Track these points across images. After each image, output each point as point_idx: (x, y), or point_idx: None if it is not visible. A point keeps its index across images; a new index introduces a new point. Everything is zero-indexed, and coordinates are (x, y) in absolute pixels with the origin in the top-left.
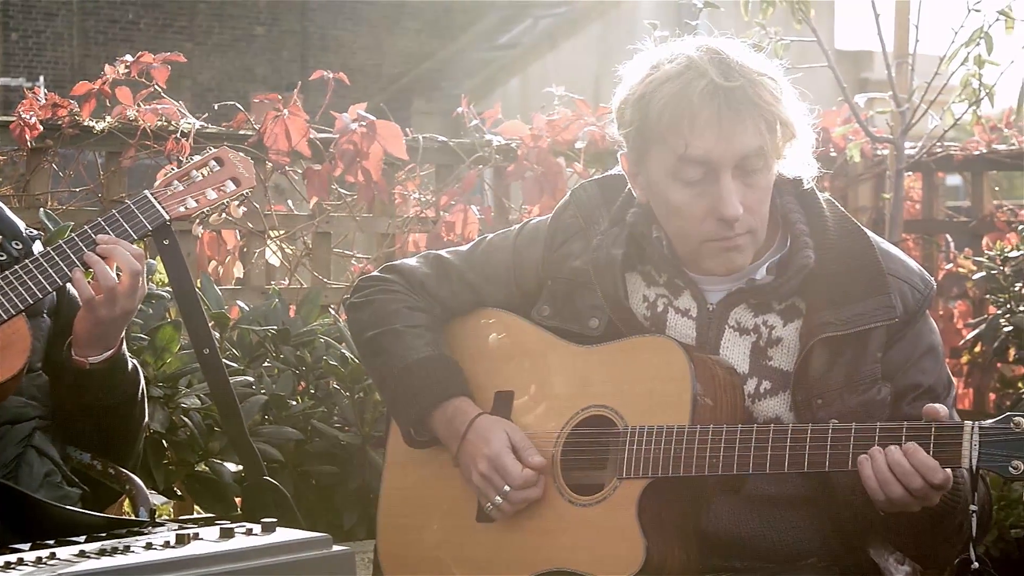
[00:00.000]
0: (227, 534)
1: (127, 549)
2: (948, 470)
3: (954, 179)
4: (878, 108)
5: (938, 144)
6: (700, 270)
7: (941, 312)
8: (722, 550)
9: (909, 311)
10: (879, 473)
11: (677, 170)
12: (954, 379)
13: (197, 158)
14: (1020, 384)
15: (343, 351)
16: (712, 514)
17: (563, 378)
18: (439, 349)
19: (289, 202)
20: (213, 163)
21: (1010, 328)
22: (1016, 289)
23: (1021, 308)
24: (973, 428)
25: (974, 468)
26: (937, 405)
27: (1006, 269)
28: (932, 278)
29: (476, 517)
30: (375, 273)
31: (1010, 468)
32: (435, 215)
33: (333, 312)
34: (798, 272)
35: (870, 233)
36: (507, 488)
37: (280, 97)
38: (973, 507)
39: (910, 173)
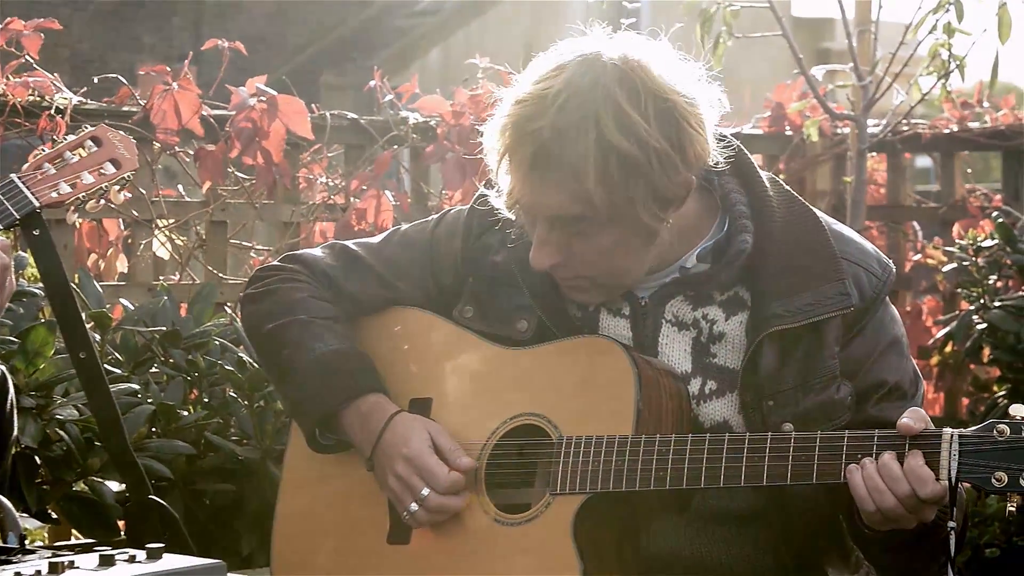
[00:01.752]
0: (107, 562)
1: None
2: (943, 483)
3: (922, 160)
4: (838, 82)
5: (904, 122)
6: None
7: (908, 308)
8: (666, 572)
9: (866, 299)
10: (868, 480)
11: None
12: (923, 383)
13: (72, 137)
14: (995, 387)
15: (241, 355)
16: (655, 533)
17: (489, 384)
18: (351, 343)
19: (180, 187)
20: (90, 143)
21: (984, 325)
22: (990, 282)
23: (996, 303)
24: (953, 437)
25: (954, 480)
26: (911, 421)
27: (979, 260)
28: (891, 262)
29: (387, 538)
30: (275, 262)
31: (993, 480)
32: (344, 202)
33: (229, 311)
34: (734, 259)
35: (820, 213)
36: (426, 492)
37: (169, 69)
38: (952, 523)
39: (873, 154)
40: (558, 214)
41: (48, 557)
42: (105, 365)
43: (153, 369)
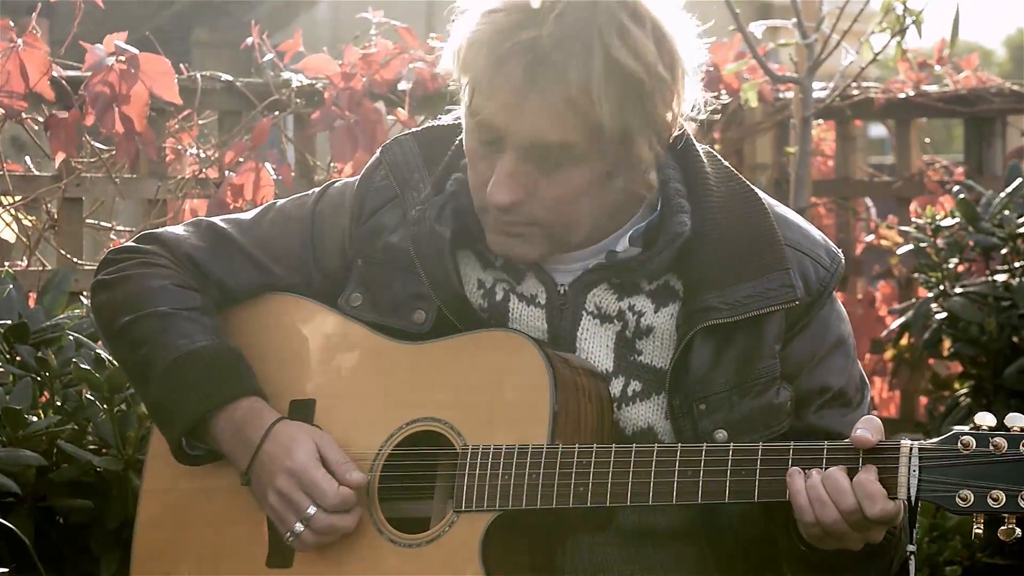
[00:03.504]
0: None
1: None
2: (897, 503)
3: (875, 129)
4: (780, 39)
5: (854, 85)
6: None
7: (860, 296)
8: None
9: (812, 292)
10: (811, 489)
11: (471, 121)
12: (877, 379)
13: None
14: (957, 385)
15: (99, 351)
16: (573, 552)
17: (381, 384)
18: (221, 338)
19: (27, 159)
20: None
21: (943, 315)
22: (951, 266)
23: (957, 290)
24: (912, 451)
25: (913, 499)
26: (867, 433)
27: (938, 241)
28: (840, 252)
29: (266, 561)
30: (130, 243)
31: (957, 499)
32: (218, 176)
33: (85, 301)
34: (670, 243)
35: (762, 195)
36: (312, 510)
37: (14, 24)
38: (911, 547)
39: (820, 121)
40: (541, 140)
41: None
42: None
43: None
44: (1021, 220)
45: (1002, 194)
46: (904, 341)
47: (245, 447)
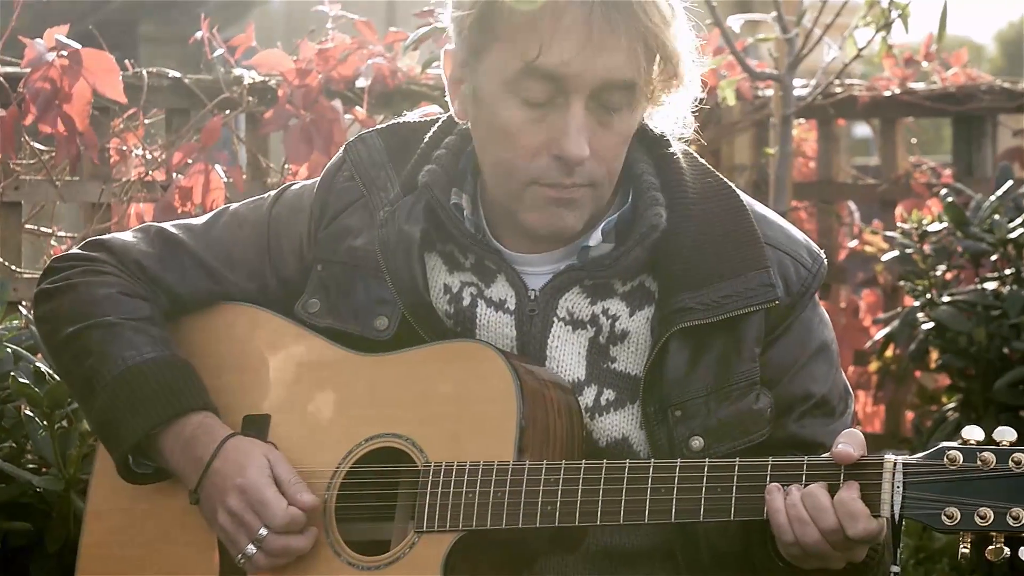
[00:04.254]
0: None
1: None
2: (880, 521)
3: (860, 129)
4: (759, 34)
5: (837, 82)
6: (517, 240)
7: (843, 305)
8: None
9: (793, 293)
10: (791, 508)
11: (518, 82)
12: (861, 393)
13: None
14: (944, 398)
15: (39, 364)
16: (539, 574)
17: (340, 398)
18: (171, 349)
19: None
20: None
21: (931, 325)
22: (938, 273)
23: (944, 298)
24: (896, 466)
25: (896, 517)
26: (850, 448)
27: (925, 247)
28: (823, 253)
29: None
30: (75, 250)
31: (943, 517)
32: (166, 178)
33: (24, 311)
34: (645, 236)
35: (741, 193)
36: (264, 531)
37: None
38: (895, 568)
39: (801, 120)
40: (614, 79)
41: None
42: None
43: None
44: (1012, 225)
45: (992, 197)
46: (889, 352)
47: (194, 464)
